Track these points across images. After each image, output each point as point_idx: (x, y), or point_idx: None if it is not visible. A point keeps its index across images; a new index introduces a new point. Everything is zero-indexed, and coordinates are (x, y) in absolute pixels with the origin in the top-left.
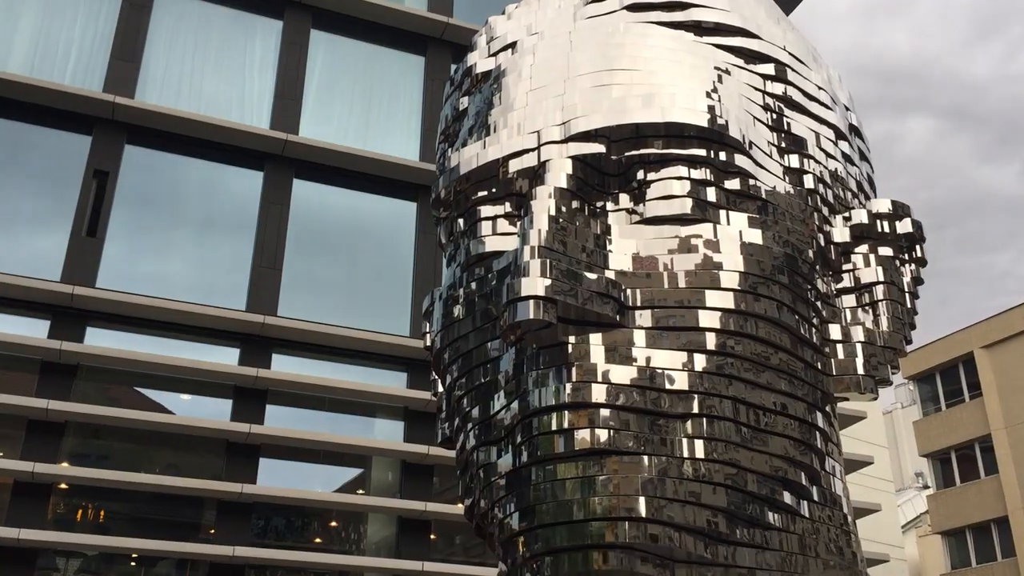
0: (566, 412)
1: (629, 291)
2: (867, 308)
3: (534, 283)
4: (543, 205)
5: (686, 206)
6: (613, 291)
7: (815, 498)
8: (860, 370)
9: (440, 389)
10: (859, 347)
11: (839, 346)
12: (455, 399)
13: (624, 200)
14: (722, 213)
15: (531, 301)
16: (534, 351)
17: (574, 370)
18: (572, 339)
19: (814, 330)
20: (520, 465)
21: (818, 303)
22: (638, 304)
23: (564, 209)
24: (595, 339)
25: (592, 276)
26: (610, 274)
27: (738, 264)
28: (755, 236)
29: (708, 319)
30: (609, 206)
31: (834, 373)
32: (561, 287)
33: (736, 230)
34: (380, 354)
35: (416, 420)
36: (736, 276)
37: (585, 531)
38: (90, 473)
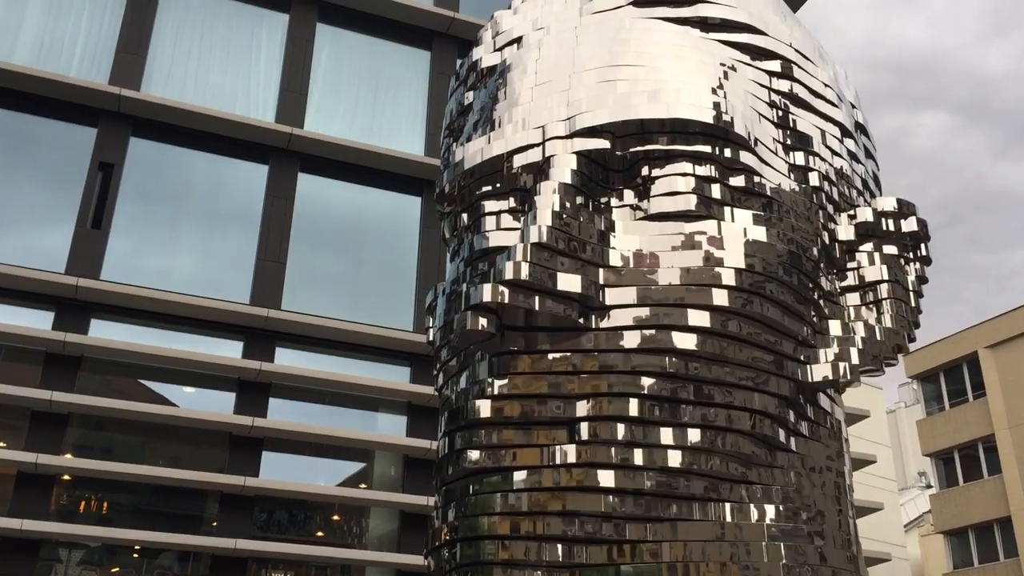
0: (465, 432)
1: (614, 290)
2: (871, 306)
3: (488, 291)
4: (547, 200)
5: (691, 203)
6: (587, 292)
7: (756, 492)
8: (854, 360)
9: (440, 383)
10: (858, 340)
11: (835, 340)
12: (445, 397)
13: (628, 196)
14: (726, 210)
15: (469, 313)
16: (481, 360)
17: (481, 386)
18: (516, 346)
19: (807, 327)
20: (445, 482)
21: (820, 300)
22: (620, 303)
23: (568, 205)
24: (544, 345)
25: (567, 276)
26: (603, 272)
27: (738, 262)
28: (759, 233)
29: (698, 318)
30: (613, 202)
31: (825, 361)
32: (516, 296)
33: (740, 227)
34: (383, 348)
35: (419, 414)
36: (734, 274)
37: (469, 553)
38: (93, 465)
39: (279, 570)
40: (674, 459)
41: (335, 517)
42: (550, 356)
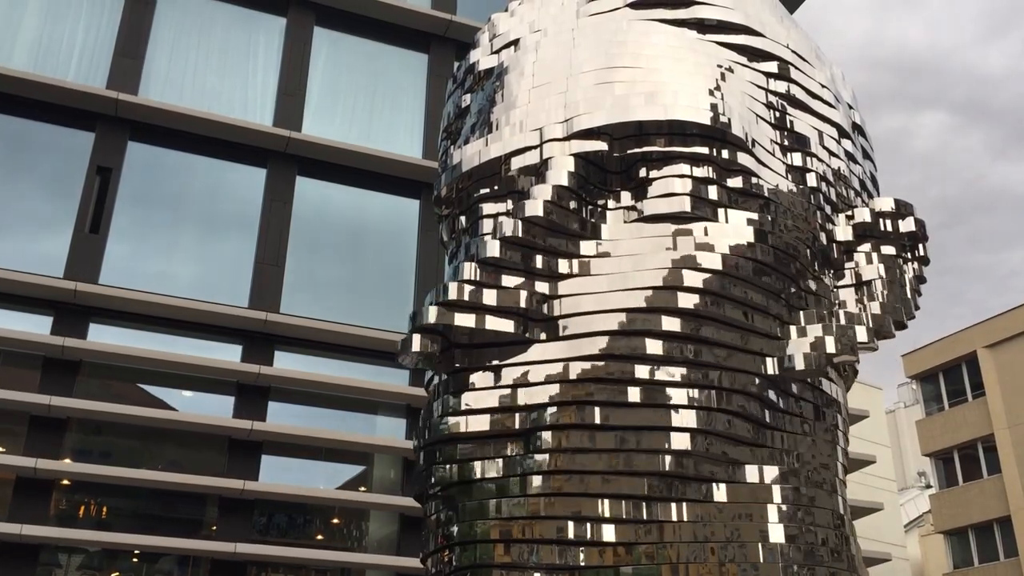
0: (429, 449)
1: (573, 299)
2: (862, 302)
3: (432, 313)
4: (524, 208)
5: (685, 204)
6: (533, 305)
7: (746, 492)
8: (829, 349)
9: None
10: (836, 330)
11: (812, 332)
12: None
13: (625, 198)
14: (721, 211)
15: (414, 335)
16: (438, 378)
17: (441, 403)
18: (467, 363)
19: (780, 324)
20: (423, 494)
21: (804, 298)
22: (577, 312)
23: (552, 211)
24: (493, 360)
25: (508, 293)
26: (558, 284)
27: (717, 264)
28: (750, 235)
29: (665, 322)
30: (610, 203)
31: (799, 353)
32: (457, 316)
33: (732, 229)
34: (382, 351)
35: (418, 417)
36: (706, 277)
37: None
38: (92, 469)
39: (279, 574)
40: (651, 463)
41: (335, 520)
42: (501, 371)
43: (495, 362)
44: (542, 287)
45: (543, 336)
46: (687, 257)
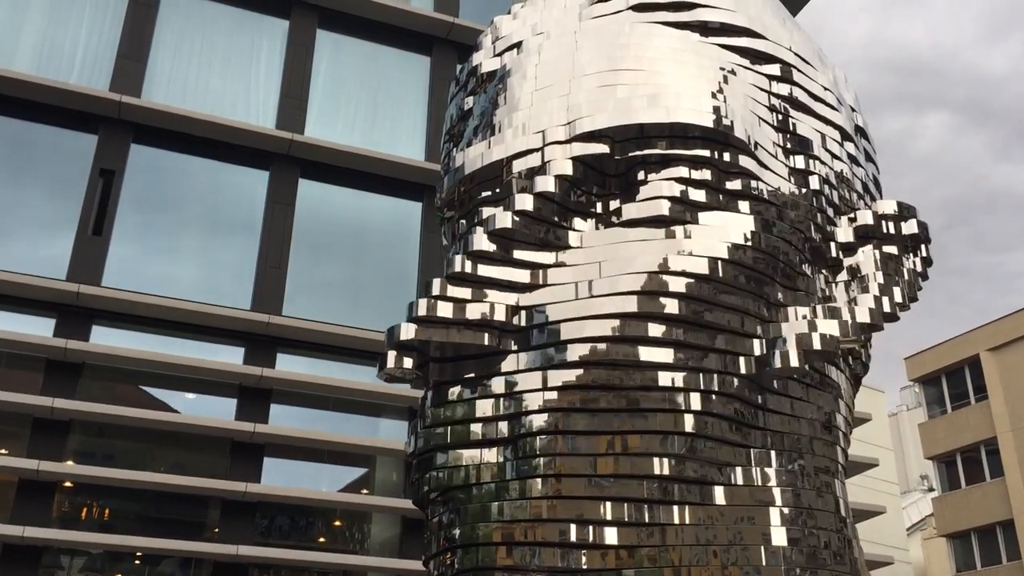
0: (425, 457)
1: (542, 309)
2: (854, 300)
3: (406, 330)
4: (492, 221)
5: (662, 208)
6: (506, 317)
7: (744, 494)
8: (816, 346)
9: None
10: (820, 325)
11: (794, 329)
12: None
13: (615, 202)
14: (706, 215)
15: (391, 353)
16: (423, 390)
17: (428, 415)
18: (447, 376)
19: (762, 324)
20: (419, 503)
21: (793, 295)
22: (552, 320)
23: (525, 223)
24: (472, 372)
25: (479, 306)
26: (528, 294)
27: (700, 267)
28: (736, 237)
29: (653, 328)
30: (599, 207)
31: (781, 350)
32: (430, 332)
33: (717, 231)
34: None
35: None
36: (687, 282)
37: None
38: (95, 471)
39: None
40: (651, 466)
41: (337, 523)
42: (482, 381)
43: (473, 374)
44: (513, 298)
45: (517, 346)
46: (665, 262)
